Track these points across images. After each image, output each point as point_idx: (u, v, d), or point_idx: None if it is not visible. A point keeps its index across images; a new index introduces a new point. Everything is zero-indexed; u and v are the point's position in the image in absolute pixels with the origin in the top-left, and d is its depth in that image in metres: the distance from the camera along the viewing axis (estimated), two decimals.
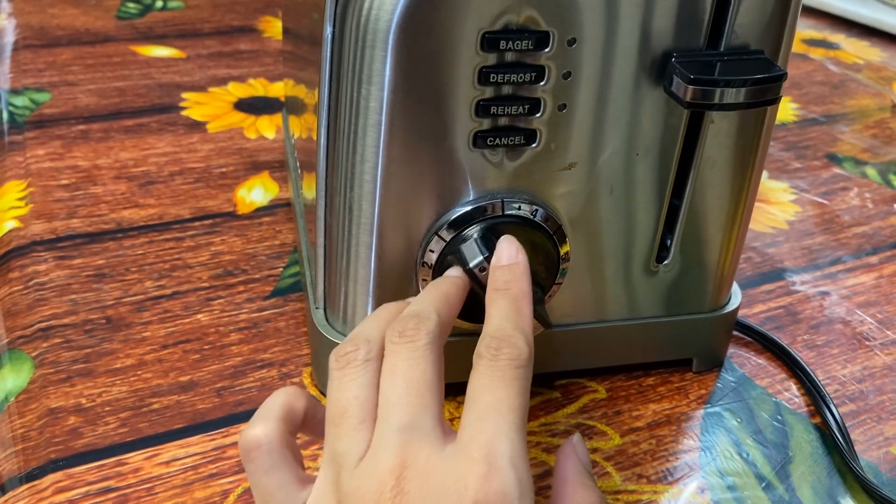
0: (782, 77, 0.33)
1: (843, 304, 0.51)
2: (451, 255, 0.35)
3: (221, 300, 0.47)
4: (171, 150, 0.63)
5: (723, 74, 0.32)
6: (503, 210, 0.35)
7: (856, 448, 0.40)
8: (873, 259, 0.55)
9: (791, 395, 0.43)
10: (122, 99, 0.71)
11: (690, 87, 0.32)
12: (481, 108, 0.33)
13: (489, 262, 0.33)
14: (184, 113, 0.69)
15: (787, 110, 0.78)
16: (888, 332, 0.48)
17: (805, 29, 1.03)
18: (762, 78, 0.32)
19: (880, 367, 0.46)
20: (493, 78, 0.32)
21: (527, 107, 0.33)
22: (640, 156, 0.36)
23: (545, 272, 0.37)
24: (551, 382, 0.43)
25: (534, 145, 0.34)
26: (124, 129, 0.66)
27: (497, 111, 0.33)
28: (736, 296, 0.43)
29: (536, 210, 0.36)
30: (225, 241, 0.53)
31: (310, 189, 0.43)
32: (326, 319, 0.39)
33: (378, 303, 0.37)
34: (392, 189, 0.34)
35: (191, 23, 0.90)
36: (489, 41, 0.32)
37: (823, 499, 0.37)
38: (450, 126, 0.33)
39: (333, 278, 0.38)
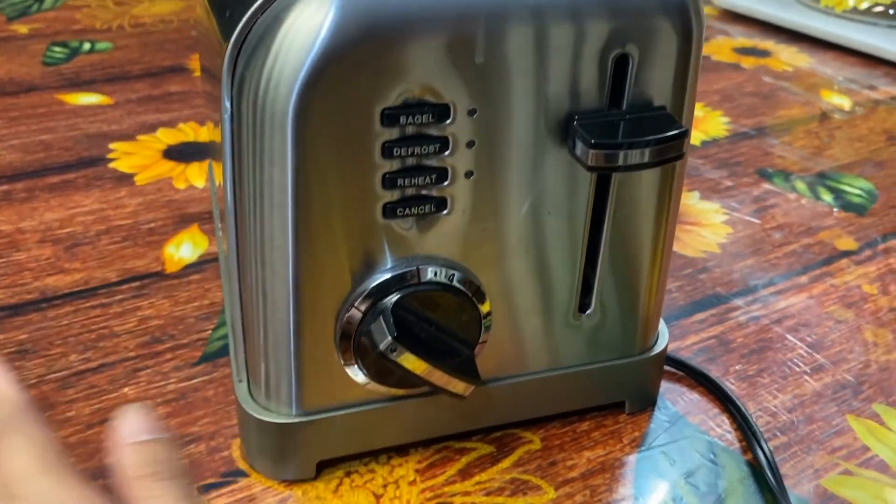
0: (684, 135, 0.33)
1: (774, 328, 0.51)
2: (363, 336, 0.34)
3: (149, 370, 0.46)
4: (98, 206, 0.62)
5: (625, 135, 0.32)
6: (419, 278, 0.35)
7: (787, 483, 0.40)
8: (803, 279, 0.56)
9: (724, 430, 0.44)
10: (47, 154, 0.69)
11: (592, 151, 0.32)
12: (388, 181, 0.33)
13: (400, 342, 0.33)
14: (112, 165, 0.68)
15: (718, 125, 0.80)
16: (817, 356, 0.49)
17: (737, 36, 1.05)
18: (664, 137, 0.32)
19: (810, 394, 0.46)
20: (397, 152, 0.32)
21: (434, 176, 0.33)
22: (553, 214, 0.36)
23: (469, 332, 0.37)
24: (486, 436, 0.42)
25: (444, 212, 0.34)
26: (49, 186, 0.64)
27: (404, 183, 0.33)
28: (663, 335, 0.43)
29: (453, 274, 0.35)
30: (153, 304, 0.52)
31: (225, 239, 0.42)
32: (250, 393, 0.39)
33: (302, 378, 0.37)
34: (304, 266, 0.34)
35: (119, 65, 0.89)
36: (389, 117, 0.31)
37: None
38: (358, 200, 0.33)
39: (254, 354, 0.37)
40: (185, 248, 0.57)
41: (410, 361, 0.34)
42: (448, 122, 0.32)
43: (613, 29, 0.32)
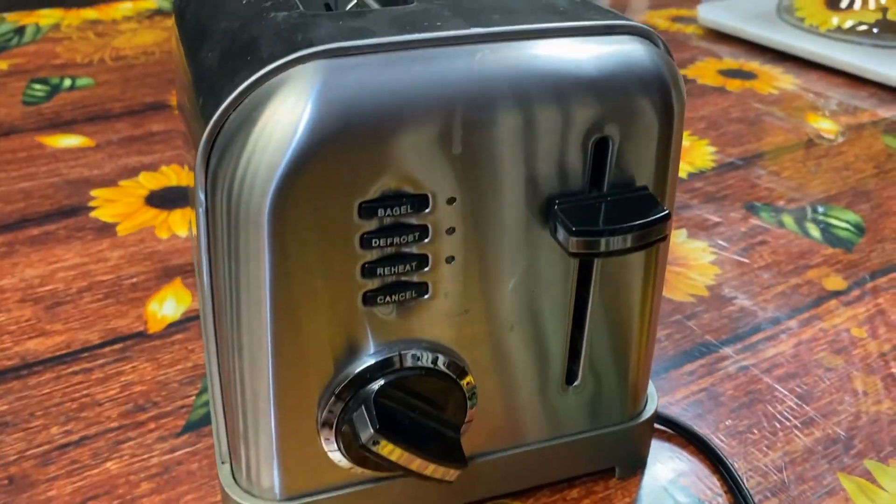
0: (667, 218, 0.32)
1: (764, 379, 0.51)
2: (346, 425, 0.34)
3: (132, 442, 0.46)
4: (80, 261, 0.61)
5: (607, 221, 0.32)
6: (402, 363, 0.34)
7: None
8: (792, 324, 0.56)
9: (714, 493, 0.43)
10: (27, 203, 0.68)
11: (574, 238, 0.31)
12: (367, 271, 0.32)
13: (382, 435, 0.32)
14: (93, 214, 0.67)
15: (705, 155, 0.79)
16: (807, 408, 0.49)
17: (723, 56, 1.05)
18: (646, 223, 0.32)
19: (801, 450, 0.46)
20: (376, 242, 0.31)
21: (414, 263, 0.33)
22: (536, 293, 0.35)
23: (455, 414, 0.36)
24: None
25: (426, 296, 0.34)
26: (30, 239, 0.64)
27: (384, 272, 0.32)
28: (652, 399, 0.43)
29: (437, 357, 0.35)
30: (135, 368, 0.51)
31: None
32: (233, 476, 0.38)
33: (285, 464, 0.36)
34: (285, 356, 0.33)
35: (101, 103, 0.88)
36: (367, 210, 0.31)
37: None
38: (338, 290, 0.32)
39: (235, 439, 0.37)
40: (168, 306, 0.57)
41: (393, 452, 0.33)
42: (427, 210, 0.32)
43: (592, 113, 0.32)
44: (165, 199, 0.70)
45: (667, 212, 0.32)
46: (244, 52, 0.32)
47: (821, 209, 0.70)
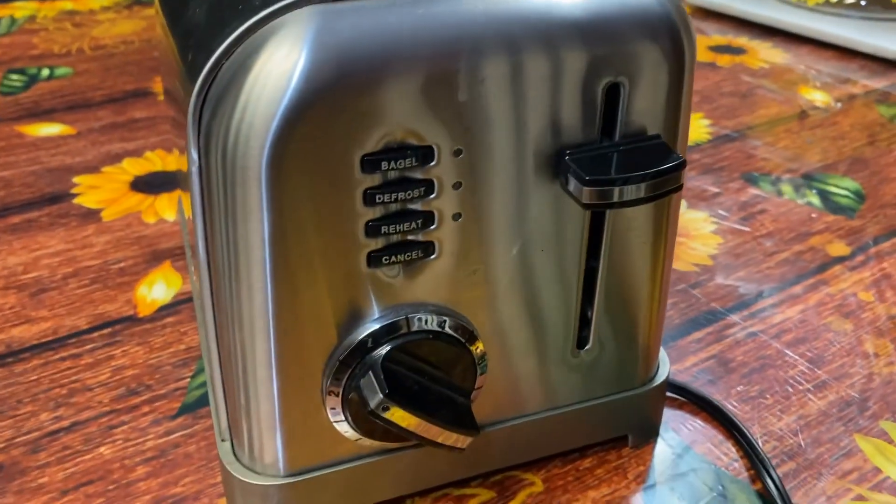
0: (682, 165, 0.31)
1: (773, 344, 0.50)
2: (353, 392, 0.32)
3: (125, 426, 0.44)
4: (64, 247, 0.59)
5: (620, 170, 0.31)
6: (409, 327, 0.33)
7: None
8: (797, 289, 0.55)
9: (731, 459, 0.42)
10: (7, 192, 0.66)
11: (587, 188, 0.30)
12: (371, 229, 0.31)
13: (390, 399, 0.31)
14: (76, 201, 0.65)
15: (700, 129, 0.78)
16: (819, 372, 0.48)
17: (711, 34, 1.04)
18: (661, 170, 0.30)
19: (815, 413, 0.45)
20: (380, 198, 0.30)
21: (420, 221, 0.31)
22: (545, 251, 0.34)
23: (465, 379, 0.35)
24: (485, 480, 0.40)
25: (433, 257, 0.32)
26: (11, 227, 0.61)
27: (388, 230, 0.31)
28: (664, 364, 0.42)
29: (444, 321, 0.33)
30: (126, 352, 0.49)
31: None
32: (234, 454, 0.36)
33: (289, 437, 0.34)
34: (285, 322, 0.32)
35: (80, 91, 0.86)
36: (370, 163, 0.29)
37: None
38: (340, 251, 0.31)
39: (236, 415, 0.35)
40: (157, 289, 0.55)
41: (404, 418, 0.32)
42: (432, 164, 0.30)
43: (602, 57, 0.31)
44: (151, 184, 0.68)
45: (682, 159, 0.31)
46: (234, 2, 0.31)
47: (819, 177, 0.69)
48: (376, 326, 0.33)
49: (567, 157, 0.31)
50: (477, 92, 0.29)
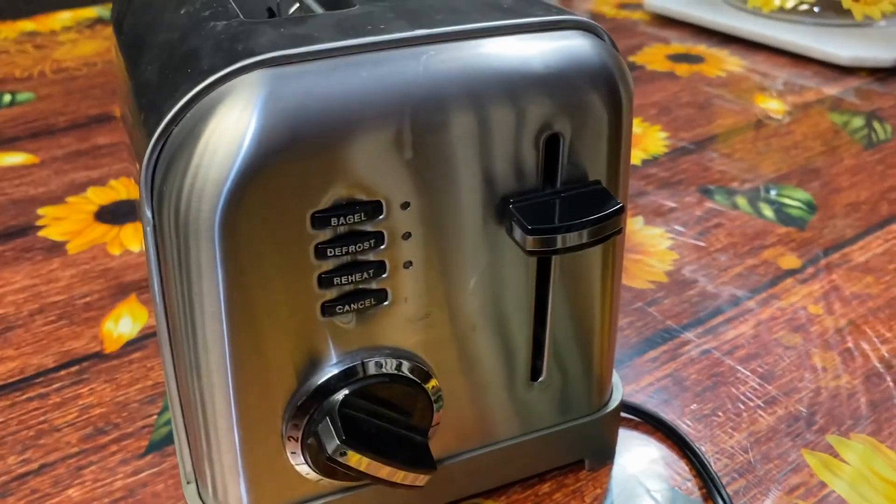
0: (621, 210, 0.32)
1: (726, 361, 0.52)
2: (310, 439, 0.33)
3: (94, 466, 0.44)
4: (30, 283, 0.60)
5: (561, 218, 0.32)
6: (365, 371, 0.34)
7: None
8: (751, 304, 0.57)
9: (683, 478, 0.44)
10: None
11: (530, 237, 0.31)
12: (324, 281, 0.32)
13: (348, 445, 0.32)
14: (41, 234, 0.65)
15: (657, 141, 0.80)
16: (769, 388, 0.49)
17: (671, 41, 1.06)
18: (600, 217, 0.32)
19: (764, 430, 0.46)
20: (331, 252, 0.31)
21: (371, 271, 0.32)
22: (497, 293, 0.35)
23: (422, 418, 0.36)
24: None
25: (385, 303, 0.33)
26: None
27: (341, 280, 0.32)
28: (617, 389, 0.43)
29: (400, 363, 0.35)
30: (93, 390, 0.50)
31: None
32: (199, 496, 0.37)
33: (251, 481, 0.35)
34: (244, 371, 0.33)
35: (43, 118, 0.86)
36: (320, 220, 0.30)
37: None
38: (295, 303, 0.32)
39: (199, 459, 0.36)
40: (124, 323, 0.55)
41: (360, 462, 0.33)
42: (381, 217, 0.31)
43: (541, 110, 0.32)
44: (116, 213, 0.68)
45: (620, 205, 0.32)
46: (184, 65, 0.31)
47: (773, 189, 0.71)
48: (334, 372, 0.34)
49: (511, 206, 0.32)
50: (421, 148, 0.31)
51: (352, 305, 0.33)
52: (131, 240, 0.65)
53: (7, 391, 0.50)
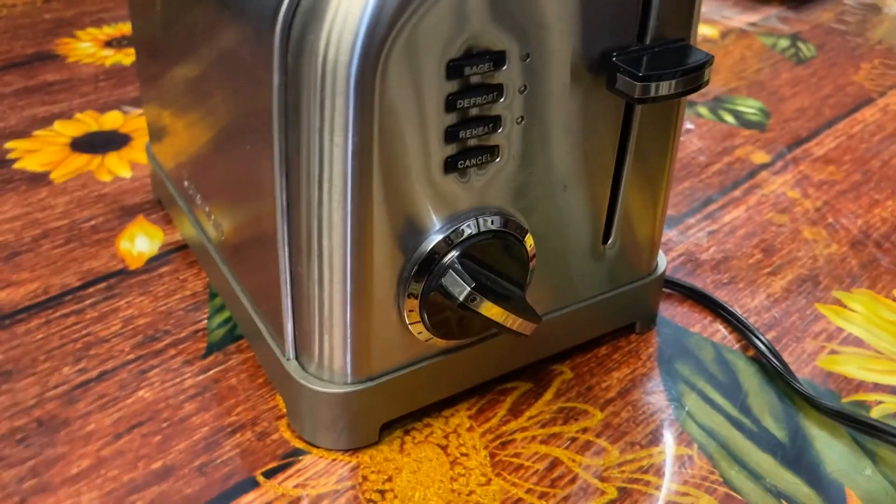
0: (711, 62, 0.35)
1: (730, 240, 0.56)
2: (434, 292, 0.35)
3: (157, 369, 0.44)
4: (22, 211, 0.57)
5: (664, 67, 0.34)
6: (478, 228, 0.35)
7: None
8: (737, 193, 0.62)
9: (722, 334, 0.48)
10: None
11: (640, 83, 0.34)
12: (450, 135, 0.33)
13: (478, 291, 0.34)
14: (17, 166, 0.62)
15: None
16: (773, 258, 0.54)
17: None
18: (697, 65, 0.35)
19: (780, 291, 0.51)
20: (460, 104, 0.32)
21: (491, 125, 0.34)
22: (586, 151, 0.38)
23: (521, 274, 0.38)
24: (520, 375, 0.44)
25: (498, 160, 0.35)
26: None
27: (465, 134, 0.33)
28: (662, 257, 0.47)
29: (506, 221, 0.36)
30: (130, 303, 0.48)
31: (225, 221, 0.40)
32: (303, 368, 0.38)
33: (362, 345, 0.36)
34: (365, 231, 0.33)
35: None
36: (454, 69, 0.31)
37: (784, 422, 0.42)
38: (420, 158, 0.33)
39: (308, 328, 0.36)
40: (140, 242, 0.54)
41: (488, 308, 0.35)
42: (504, 68, 0.33)
43: None
44: (94, 144, 0.65)
45: (711, 56, 0.35)
46: None
47: (727, 99, 0.77)
48: (450, 230, 0.35)
49: (614, 58, 0.35)
50: None
51: (471, 160, 0.34)
52: (118, 166, 0.62)
53: (37, 310, 0.48)
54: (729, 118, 0.73)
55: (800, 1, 1.03)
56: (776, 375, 0.44)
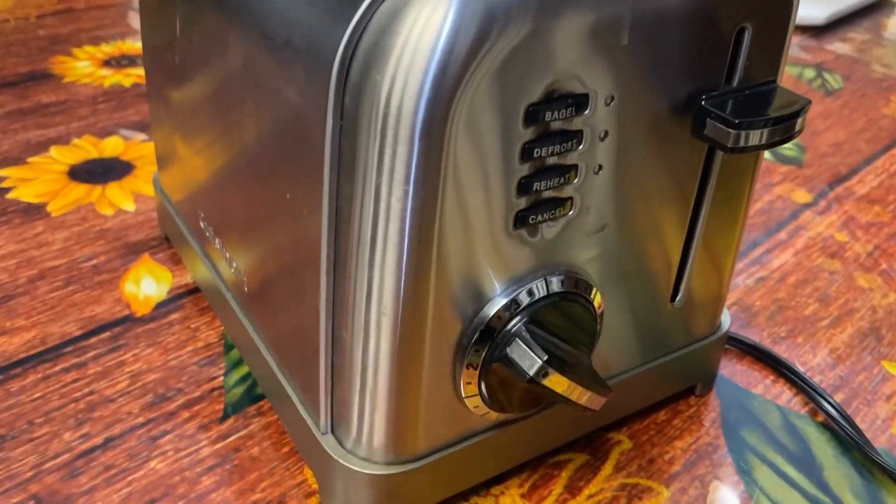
0: (808, 106, 0.32)
1: (782, 287, 0.52)
2: (496, 363, 0.30)
3: (169, 435, 0.39)
4: (16, 248, 0.52)
5: (760, 113, 0.31)
6: (547, 289, 0.31)
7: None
8: (783, 234, 0.58)
9: (787, 396, 0.44)
10: None
11: (734, 131, 0.30)
12: (523, 187, 0.29)
13: (550, 364, 0.29)
14: (10, 195, 0.57)
15: None
16: (830, 309, 0.51)
17: None
18: (794, 112, 0.31)
19: (842, 346, 0.48)
20: (537, 152, 0.28)
21: (567, 175, 0.30)
22: (663, 201, 0.34)
23: (588, 340, 0.34)
24: (573, 443, 0.40)
25: (571, 213, 0.31)
26: None
27: (540, 186, 0.29)
28: (726, 314, 0.43)
29: (576, 281, 0.32)
30: (138, 355, 0.44)
31: (248, 266, 0.36)
32: (340, 443, 0.33)
33: (407, 416, 0.32)
34: (421, 295, 0.29)
35: None
36: (532, 114, 0.27)
37: (866, 500, 0.38)
38: (487, 213, 0.29)
39: (346, 398, 0.32)
40: (147, 284, 0.49)
41: (558, 383, 0.31)
42: (586, 112, 0.29)
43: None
44: (93, 172, 0.61)
45: (808, 101, 0.32)
46: None
47: None
48: (515, 293, 0.31)
49: (703, 102, 0.31)
50: (638, 36, 0.28)
51: (543, 215, 0.30)
52: (120, 198, 0.58)
53: (34, 363, 0.43)
54: (765, 153, 0.69)
55: (821, 28, 1.01)
56: (852, 446, 0.41)
